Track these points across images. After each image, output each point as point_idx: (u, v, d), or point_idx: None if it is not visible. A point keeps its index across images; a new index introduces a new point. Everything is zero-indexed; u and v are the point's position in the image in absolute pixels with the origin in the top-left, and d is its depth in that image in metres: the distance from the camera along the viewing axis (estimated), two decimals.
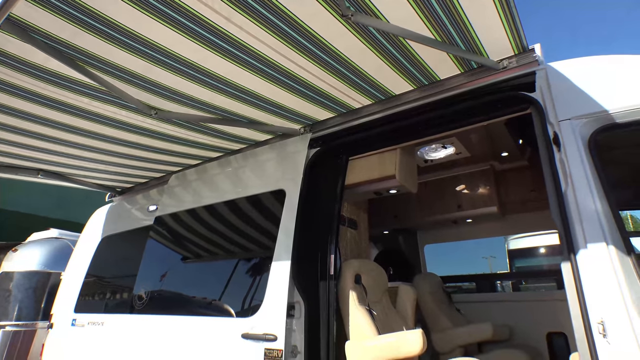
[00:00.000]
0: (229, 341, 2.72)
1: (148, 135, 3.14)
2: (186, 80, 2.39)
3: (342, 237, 3.55)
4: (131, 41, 2.04)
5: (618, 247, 1.85)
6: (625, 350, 1.69)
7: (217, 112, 2.81)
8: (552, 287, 5.36)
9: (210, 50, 2.13)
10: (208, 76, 2.35)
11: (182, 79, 2.37)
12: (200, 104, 2.69)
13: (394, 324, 3.07)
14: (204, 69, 2.29)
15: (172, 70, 2.28)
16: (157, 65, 2.24)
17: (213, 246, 3.32)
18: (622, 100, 2.07)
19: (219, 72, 2.33)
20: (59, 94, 2.50)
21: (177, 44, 2.06)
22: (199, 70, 2.29)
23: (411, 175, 3.68)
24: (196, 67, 2.27)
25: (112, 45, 2.06)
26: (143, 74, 2.31)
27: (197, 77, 2.36)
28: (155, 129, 3.03)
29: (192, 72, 2.31)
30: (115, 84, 2.42)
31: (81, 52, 2.12)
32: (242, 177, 3.33)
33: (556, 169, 2.09)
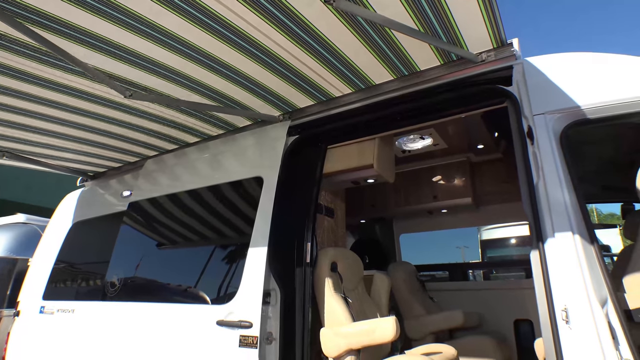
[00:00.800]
0: (203, 328, 2.71)
1: (123, 110, 3.03)
2: (166, 51, 2.31)
3: (319, 225, 3.57)
4: (104, 7, 1.95)
5: (583, 237, 1.93)
6: (585, 335, 1.77)
7: (195, 87, 2.72)
8: (521, 276, 5.57)
9: (191, 22, 2.06)
10: (188, 47, 2.28)
11: (172, 53, 2.29)
12: (180, 77, 2.59)
13: (369, 311, 3.12)
14: (184, 41, 2.22)
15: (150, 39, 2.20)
16: (131, 31, 2.14)
17: (189, 232, 3.28)
18: (593, 97, 2.13)
19: (201, 45, 2.26)
20: (19, 63, 2.36)
21: (156, 14, 1.99)
22: (179, 40, 2.22)
23: (389, 165, 3.71)
24: (176, 38, 2.19)
25: (80, 10, 1.97)
26: (112, 39, 2.21)
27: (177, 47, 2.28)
28: (131, 104, 2.93)
29: (171, 42, 2.23)
30: (86, 57, 2.32)
31: (48, 18, 2.01)
32: (220, 163, 3.29)
33: (529, 161, 2.14)
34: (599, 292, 1.82)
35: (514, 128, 2.27)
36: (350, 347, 2.65)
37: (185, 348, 2.75)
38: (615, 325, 1.77)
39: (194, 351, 2.70)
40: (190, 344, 2.74)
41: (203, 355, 2.65)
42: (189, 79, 2.62)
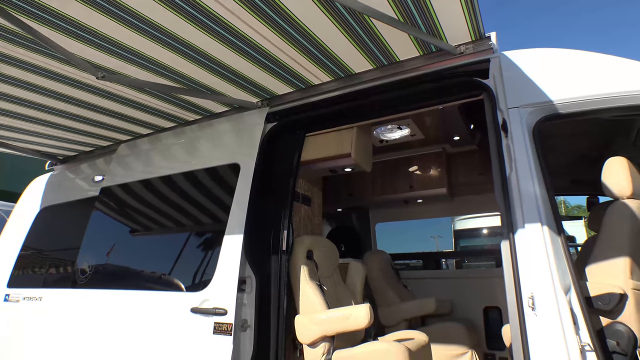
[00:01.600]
0: (177, 316, 2.69)
1: (95, 93, 2.92)
2: (140, 36, 2.23)
3: (296, 213, 3.57)
4: None
5: (551, 228, 1.99)
6: (548, 321, 1.85)
7: (171, 75, 2.66)
8: (491, 265, 5.73)
9: (166, 7, 2.00)
10: (163, 33, 2.21)
11: (136, 34, 2.21)
12: (154, 65, 2.53)
13: (344, 299, 3.16)
14: (159, 26, 2.15)
15: (122, 23, 2.12)
16: (101, 13, 2.05)
17: (164, 219, 3.23)
18: (566, 92, 2.19)
19: (176, 32, 2.20)
20: None
21: None
22: (154, 26, 2.15)
23: (366, 155, 3.73)
24: (150, 23, 2.12)
25: None
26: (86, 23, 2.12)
27: (152, 33, 2.21)
28: (104, 88, 2.83)
29: (145, 27, 2.15)
30: (57, 38, 2.22)
31: None
32: (196, 149, 3.23)
33: (502, 154, 2.19)
34: (563, 280, 1.89)
35: (489, 120, 2.31)
36: (324, 333, 2.68)
37: (158, 336, 2.72)
38: (576, 312, 1.85)
39: (168, 339, 2.67)
40: (164, 332, 2.71)
41: (177, 343, 2.63)
42: (163, 67, 2.55)
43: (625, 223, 2.30)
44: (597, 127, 2.94)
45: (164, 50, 2.37)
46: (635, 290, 2.19)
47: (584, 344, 1.79)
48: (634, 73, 2.12)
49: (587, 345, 1.79)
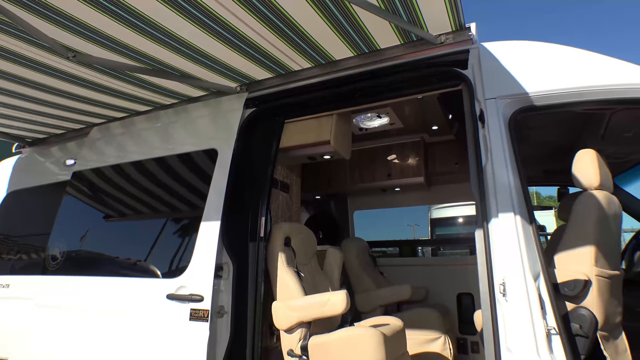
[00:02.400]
0: (152, 302, 2.66)
1: (65, 80, 2.82)
2: (112, 20, 2.16)
3: (274, 199, 3.56)
4: None
5: (523, 218, 2.05)
6: (518, 307, 1.91)
7: (145, 60, 2.59)
8: (466, 253, 5.88)
9: None
10: (136, 17, 2.14)
11: (107, 18, 2.13)
12: (127, 50, 2.45)
13: (321, 285, 3.18)
14: (131, 9, 2.07)
15: (94, 6, 2.04)
16: None
17: (139, 204, 3.17)
18: (541, 84, 2.24)
19: (150, 16, 2.12)
20: None
21: None
22: (126, 9, 2.07)
23: (346, 142, 3.73)
24: (122, 6, 2.05)
25: None
26: (57, 6, 2.04)
27: (124, 17, 2.13)
28: (74, 73, 2.73)
29: (118, 10, 2.08)
30: (25, 17, 2.12)
31: None
32: (172, 134, 3.17)
33: (479, 144, 2.23)
34: (533, 267, 1.96)
35: (466, 111, 2.34)
36: (301, 319, 2.70)
37: (133, 323, 2.69)
38: (544, 297, 1.92)
39: (143, 326, 2.65)
40: (139, 319, 2.68)
41: (153, 330, 2.61)
42: (136, 52, 2.47)
43: (592, 213, 2.39)
44: (571, 119, 3.02)
45: (137, 36, 2.29)
46: (598, 277, 2.29)
47: (549, 328, 1.87)
48: (606, 68, 2.18)
49: (553, 329, 1.87)
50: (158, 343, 2.58)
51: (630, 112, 2.68)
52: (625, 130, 2.92)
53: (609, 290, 2.36)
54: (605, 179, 2.56)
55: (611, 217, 2.49)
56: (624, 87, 2.12)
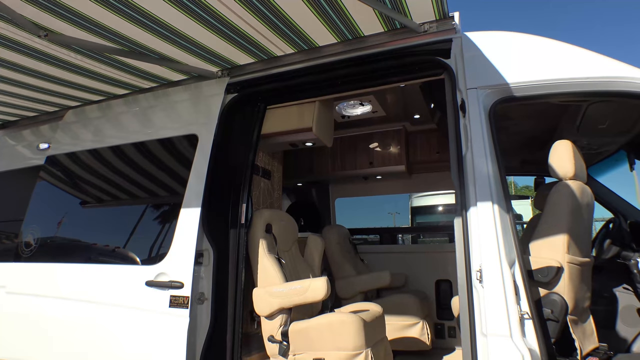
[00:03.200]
0: (131, 289, 2.63)
1: (37, 58, 2.70)
2: (88, 0, 2.07)
3: (255, 186, 3.53)
4: None
5: (501, 206, 2.09)
6: (493, 293, 1.96)
7: (123, 42, 2.51)
8: (445, 240, 5.99)
9: None
10: None
11: None
12: (104, 31, 2.37)
13: (302, 272, 3.20)
14: None
15: None
16: None
17: (117, 190, 3.11)
18: (521, 75, 2.27)
19: None
20: None
21: None
22: None
23: (328, 130, 3.73)
24: None
25: None
26: None
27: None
28: (47, 52, 2.62)
29: None
30: None
31: None
32: (151, 118, 3.10)
33: (460, 133, 2.25)
34: (509, 255, 2.01)
35: (448, 100, 2.36)
36: (282, 306, 2.72)
37: (111, 310, 2.66)
38: (519, 284, 1.97)
39: (122, 313, 2.62)
40: (117, 306, 2.65)
41: (132, 317, 2.59)
42: (114, 33, 2.39)
43: (566, 202, 2.46)
44: (548, 111, 3.08)
45: (114, 16, 2.22)
46: (570, 264, 2.37)
47: (523, 313, 1.93)
48: (583, 61, 2.22)
49: (526, 314, 1.93)
50: (137, 330, 2.56)
51: (605, 105, 2.75)
52: (600, 123, 2.99)
53: (579, 276, 2.45)
54: (580, 169, 2.63)
55: (584, 206, 2.57)
56: (600, 80, 2.16)
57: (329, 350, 2.61)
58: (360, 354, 2.55)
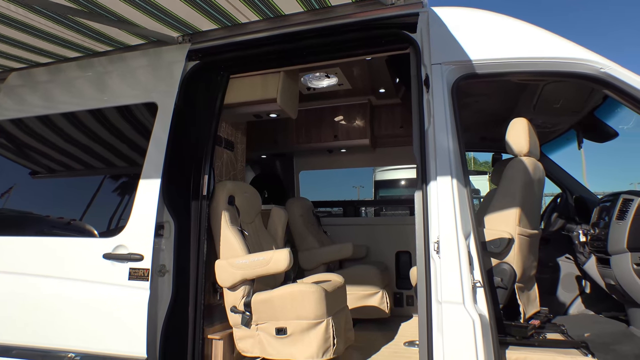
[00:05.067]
0: (87, 263, 2.56)
1: None
2: None
3: (218, 157, 3.46)
4: None
5: (459, 181, 2.17)
6: (449, 263, 2.06)
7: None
8: (406, 213, 6.16)
9: None
10: None
11: None
12: None
13: (265, 244, 3.22)
14: None
15: None
16: None
17: (70, 160, 2.96)
18: (484, 52, 2.31)
19: None
20: None
21: None
22: None
23: (292, 101, 3.68)
24: None
25: None
26: None
27: None
28: None
29: None
30: None
31: None
32: (107, 84, 2.94)
33: (423, 108, 2.28)
34: (465, 227, 2.10)
35: (413, 75, 2.37)
36: (245, 277, 2.73)
37: (68, 285, 2.58)
38: (473, 254, 2.07)
39: (79, 287, 2.55)
40: (73, 280, 2.57)
41: (90, 291, 2.53)
42: None
43: (519, 178, 2.58)
44: (507, 89, 3.17)
45: None
46: (520, 235, 2.52)
47: (475, 282, 2.04)
48: (543, 42, 2.29)
49: (478, 282, 2.04)
50: (96, 304, 2.51)
51: (560, 85, 2.86)
52: (555, 102, 3.13)
53: (528, 247, 2.61)
54: (534, 146, 2.75)
55: (536, 182, 2.71)
56: (557, 61, 2.24)
57: (291, 319, 2.67)
58: (321, 323, 2.63)
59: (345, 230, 4.78)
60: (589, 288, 3.35)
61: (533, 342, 2.36)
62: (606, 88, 2.18)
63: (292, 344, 2.65)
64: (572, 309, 3.36)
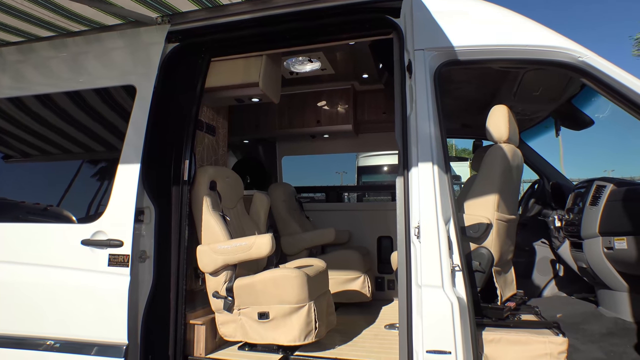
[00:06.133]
0: (65, 249, 2.52)
1: None
2: None
3: (199, 142, 3.41)
4: None
5: (440, 167, 2.19)
6: (429, 248, 2.09)
7: None
8: (388, 199, 6.23)
9: None
10: None
11: None
12: None
13: (247, 229, 3.21)
14: None
15: None
16: None
17: (45, 144, 2.89)
18: (466, 39, 2.31)
19: None
20: None
21: None
22: None
23: (275, 85, 3.64)
24: None
25: None
26: None
27: None
28: None
29: None
30: None
31: None
32: (83, 65, 2.85)
33: (405, 94, 2.29)
34: (445, 213, 2.14)
35: (396, 60, 2.37)
36: (227, 262, 2.73)
37: (45, 272, 2.53)
38: (452, 239, 2.12)
39: (56, 274, 2.51)
40: (51, 267, 2.53)
41: (68, 278, 2.49)
42: None
43: (498, 164, 2.63)
44: (489, 76, 3.20)
45: None
46: (498, 221, 2.58)
47: (454, 266, 2.09)
48: (524, 30, 2.30)
49: (457, 266, 2.09)
50: (76, 291, 2.48)
51: (540, 73, 2.91)
52: (534, 90, 3.17)
53: (505, 232, 2.67)
54: (513, 133, 2.80)
55: (514, 168, 2.76)
56: (538, 49, 2.26)
57: (273, 304, 2.69)
58: (303, 307, 2.66)
59: (327, 215, 4.80)
60: (563, 271, 3.48)
61: (508, 324, 2.44)
62: (584, 77, 2.22)
63: (275, 328, 2.68)
64: (546, 291, 3.48)
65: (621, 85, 2.09)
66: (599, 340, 2.34)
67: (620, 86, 2.10)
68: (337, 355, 2.67)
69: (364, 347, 2.85)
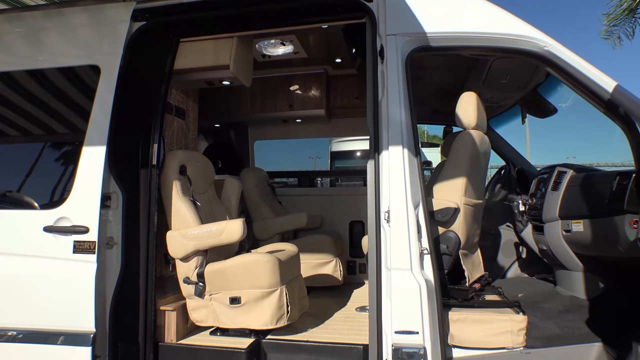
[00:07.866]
0: (27, 236, 2.44)
1: None
2: None
3: (168, 126, 3.32)
4: None
5: (411, 152, 2.23)
6: (399, 231, 2.14)
7: None
8: (360, 184, 6.28)
9: None
10: None
11: None
12: None
13: (218, 214, 3.18)
14: None
15: None
16: None
17: (5, 125, 2.75)
18: (438, 25, 2.33)
19: None
20: None
21: None
22: None
23: (246, 68, 3.57)
24: None
25: None
26: None
27: None
28: None
29: None
30: None
31: None
32: (43, 42, 2.73)
33: (377, 79, 2.30)
34: (414, 197, 2.18)
35: (368, 45, 2.37)
36: (197, 248, 2.70)
37: (3, 260, 2.44)
38: (421, 223, 2.17)
39: (17, 262, 2.43)
40: (10, 255, 2.44)
41: (29, 266, 2.41)
42: None
43: (466, 150, 2.69)
44: (459, 63, 3.25)
45: None
46: (465, 205, 2.65)
47: (423, 249, 2.14)
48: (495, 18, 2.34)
49: (425, 249, 2.14)
50: (40, 280, 2.41)
51: (507, 61, 2.97)
52: (502, 78, 3.25)
53: (472, 216, 2.76)
54: (482, 120, 2.86)
55: (482, 154, 2.84)
56: (505, 37, 2.31)
57: (245, 289, 2.69)
58: (275, 291, 2.67)
59: (300, 200, 4.81)
60: (525, 253, 3.63)
61: (473, 304, 2.54)
62: (549, 66, 2.28)
63: (246, 312, 2.69)
64: (509, 272, 3.63)
65: (582, 76, 2.17)
66: (555, 317, 2.47)
67: (581, 76, 2.17)
68: (309, 337, 2.71)
69: (335, 329, 2.90)
